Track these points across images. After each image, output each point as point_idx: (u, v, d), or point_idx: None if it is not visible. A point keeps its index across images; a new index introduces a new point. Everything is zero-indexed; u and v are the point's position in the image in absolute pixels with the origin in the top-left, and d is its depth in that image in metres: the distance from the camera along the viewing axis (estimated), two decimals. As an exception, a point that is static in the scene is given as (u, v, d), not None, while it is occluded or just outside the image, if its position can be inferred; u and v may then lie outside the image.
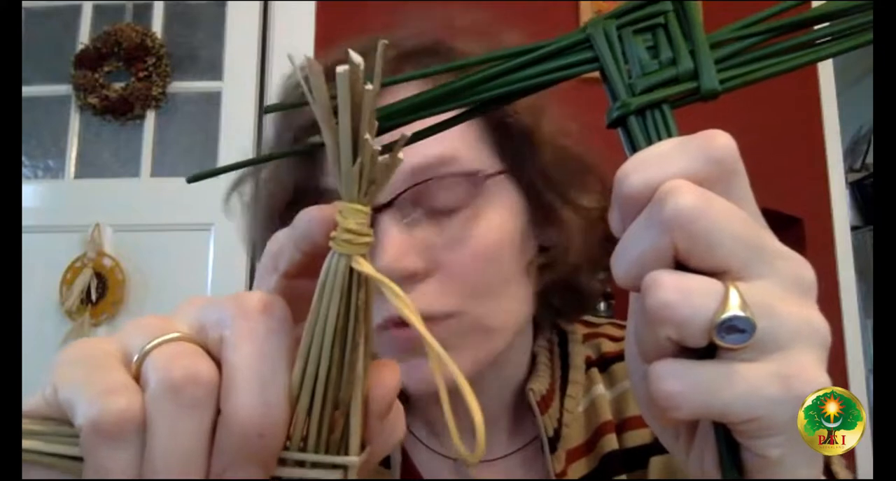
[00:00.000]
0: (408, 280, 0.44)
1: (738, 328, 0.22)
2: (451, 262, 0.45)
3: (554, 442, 0.50)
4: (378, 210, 0.44)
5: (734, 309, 0.22)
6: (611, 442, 0.50)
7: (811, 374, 0.23)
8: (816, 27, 0.27)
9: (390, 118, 0.27)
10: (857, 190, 2.50)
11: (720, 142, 0.24)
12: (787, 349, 0.23)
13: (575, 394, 0.53)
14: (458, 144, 0.46)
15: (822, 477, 0.26)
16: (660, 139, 0.26)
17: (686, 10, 0.27)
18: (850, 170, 2.50)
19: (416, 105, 0.27)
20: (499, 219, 0.47)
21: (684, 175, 0.24)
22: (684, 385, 0.23)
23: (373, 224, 0.43)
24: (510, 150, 0.48)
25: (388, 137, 0.29)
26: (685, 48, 0.26)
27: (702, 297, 0.22)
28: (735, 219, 0.23)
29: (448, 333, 0.45)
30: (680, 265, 0.23)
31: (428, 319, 0.43)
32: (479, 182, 0.46)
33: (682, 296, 0.22)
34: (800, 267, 0.24)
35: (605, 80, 0.27)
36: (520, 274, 0.49)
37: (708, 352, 0.23)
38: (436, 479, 0.52)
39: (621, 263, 0.25)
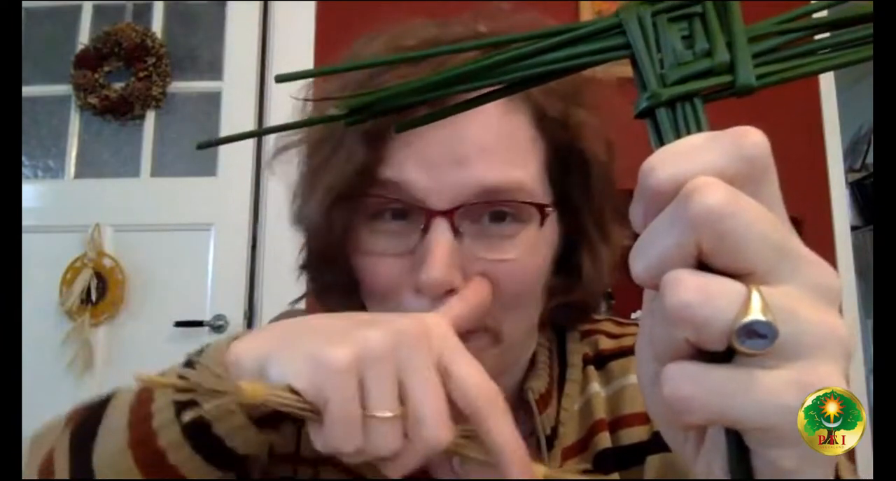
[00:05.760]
0: (447, 294, 0.43)
1: (760, 333, 0.21)
2: (491, 279, 0.44)
3: (551, 440, 0.50)
4: (435, 215, 0.43)
5: (756, 313, 0.21)
6: (604, 441, 0.50)
7: (832, 385, 0.22)
8: (820, 35, 0.26)
9: (420, 92, 0.27)
10: (857, 190, 2.51)
11: (753, 139, 0.23)
12: (808, 357, 0.22)
13: (572, 393, 0.53)
14: (524, 174, 0.46)
15: None
16: (689, 134, 0.24)
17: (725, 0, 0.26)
18: (850, 170, 2.50)
19: (445, 80, 0.26)
20: (545, 249, 0.48)
21: (714, 171, 0.22)
22: (699, 389, 0.22)
23: (426, 229, 0.43)
24: (568, 183, 0.49)
25: (410, 112, 0.29)
26: (722, 40, 0.25)
27: (723, 299, 0.21)
28: (763, 221, 0.22)
29: (474, 351, 0.45)
30: (702, 265, 0.23)
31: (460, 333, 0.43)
32: (541, 214, 0.46)
33: (704, 297, 0.22)
34: (826, 274, 0.23)
35: (636, 68, 0.26)
36: (540, 293, 0.49)
37: (725, 357, 0.23)
38: (435, 478, 0.52)
39: (642, 260, 0.24)
